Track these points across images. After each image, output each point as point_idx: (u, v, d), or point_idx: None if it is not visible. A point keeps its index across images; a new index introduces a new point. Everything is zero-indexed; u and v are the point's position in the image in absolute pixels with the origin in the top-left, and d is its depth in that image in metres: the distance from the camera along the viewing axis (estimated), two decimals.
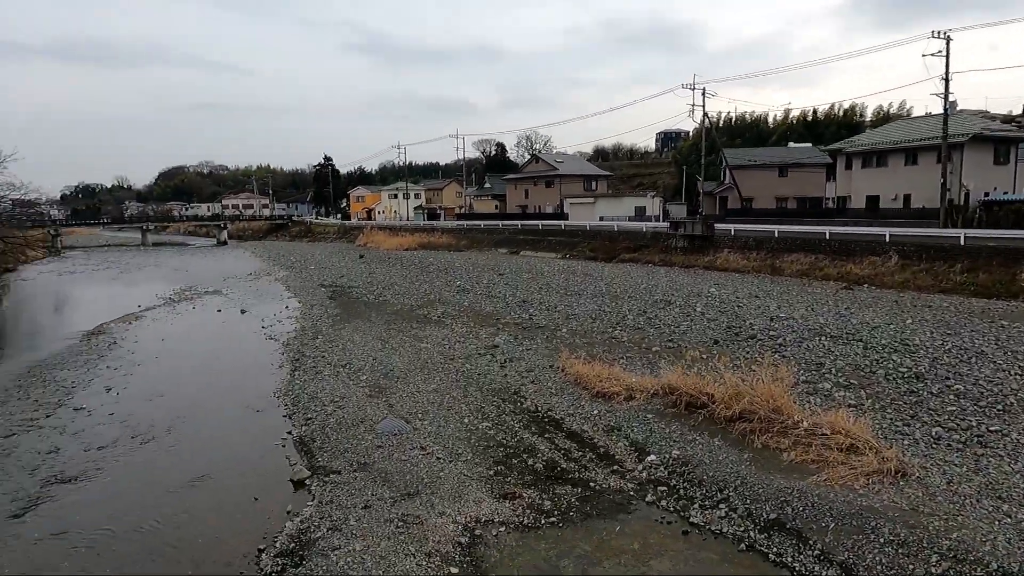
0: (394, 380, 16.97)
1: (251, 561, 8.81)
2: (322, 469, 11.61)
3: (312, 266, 51.48)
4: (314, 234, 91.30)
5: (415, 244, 62.70)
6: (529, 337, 21.36)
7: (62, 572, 8.71)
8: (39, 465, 12.27)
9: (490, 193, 75.56)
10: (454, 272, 39.95)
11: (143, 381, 18.29)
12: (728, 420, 12.15)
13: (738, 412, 12.01)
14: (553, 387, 15.78)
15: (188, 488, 11.30)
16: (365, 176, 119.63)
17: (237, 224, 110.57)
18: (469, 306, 28.36)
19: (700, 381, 13.44)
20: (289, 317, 28.12)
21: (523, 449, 12.24)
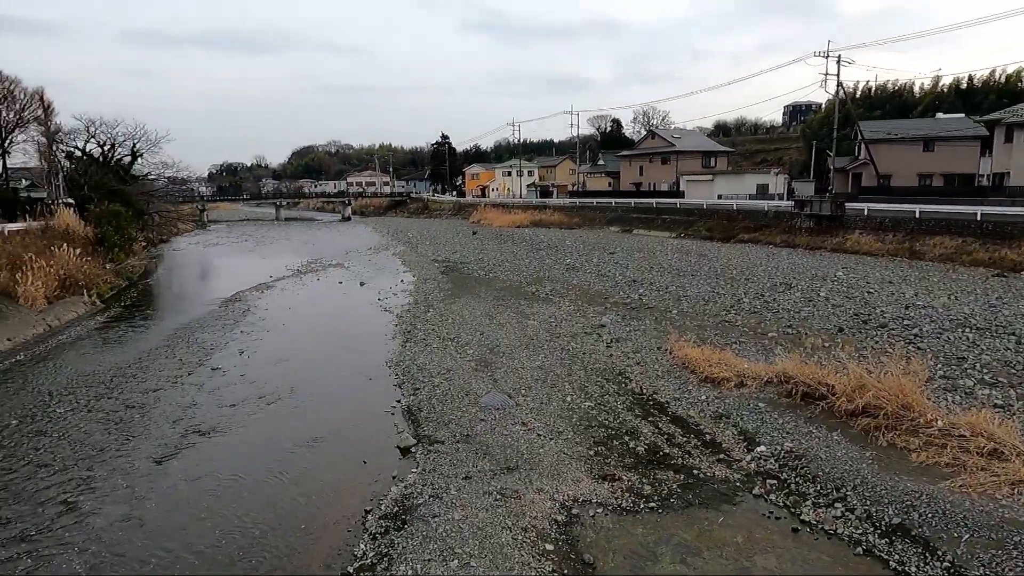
0: (499, 355, 17.20)
1: (358, 521, 9.27)
2: (427, 438, 12.00)
3: (427, 242, 53.15)
4: (430, 211, 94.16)
5: (527, 221, 63.04)
6: (637, 318, 20.92)
7: (199, 511, 9.58)
8: (180, 418, 13.56)
9: (603, 170, 74.33)
10: (564, 250, 39.82)
11: (270, 346, 19.70)
12: (849, 414, 11.29)
13: (861, 406, 11.12)
14: (659, 370, 15.37)
15: (306, 447, 12.06)
16: (480, 154, 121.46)
17: (360, 201, 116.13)
18: (578, 284, 28.18)
19: (819, 370, 12.57)
20: (403, 290, 29.21)
21: (625, 431, 12.03)
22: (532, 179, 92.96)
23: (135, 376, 16.63)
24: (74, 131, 49.12)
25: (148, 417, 13.69)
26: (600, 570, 7.92)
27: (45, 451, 11.96)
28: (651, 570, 7.88)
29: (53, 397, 15.02)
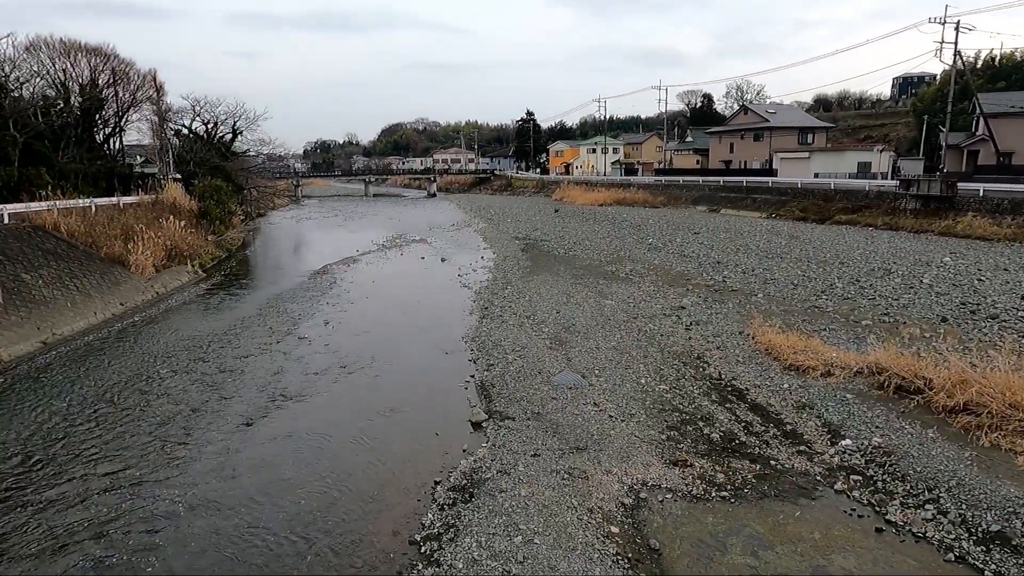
0: (575, 334, 17.09)
1: (427, 491, 9.50)
2: (498, 414, 12.11)
3: (509, 219, 53.33)
4: (514, 188, 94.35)
5: (609, 200, 62.05)
6: (720, 300, 20.24)
7: (283, 471, 10.09)
8: (268, 383, 14.29)
9: (691, 147, 71.86)
10: (646, 229, 38.96)
11: (354, 317, 20.40)
12: (948, 411, 10.52)
13: (962, 403, 10.33)
14: (740, 355, 14.82)
15: (383, 416, 12.45)
16: (565, 130, 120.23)
17: (445, 178, 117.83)
18: (659, 264, 27.55)
19: (916, 362, 11.74)
20: (483, 267, 29.48)
21: (700, 417, 11.69)
22: (617, 156, 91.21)
23: (229, 342, 17.65)
24: (182, 110, 52.31)
25: (239, 381, 14.51)
26: (666, 556, 7.76)
27: (149, 408, 12.93)
28: (719, 560, 7.65)
29: (157, 359, 16.18)
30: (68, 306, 19.85)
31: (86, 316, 19.84)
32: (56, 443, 11.32)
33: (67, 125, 35.39)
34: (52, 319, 18.68)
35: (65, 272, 21.46)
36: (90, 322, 19.65)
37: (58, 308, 19.38)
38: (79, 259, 22.92)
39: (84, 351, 17.11)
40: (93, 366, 15.73)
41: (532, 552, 7.63)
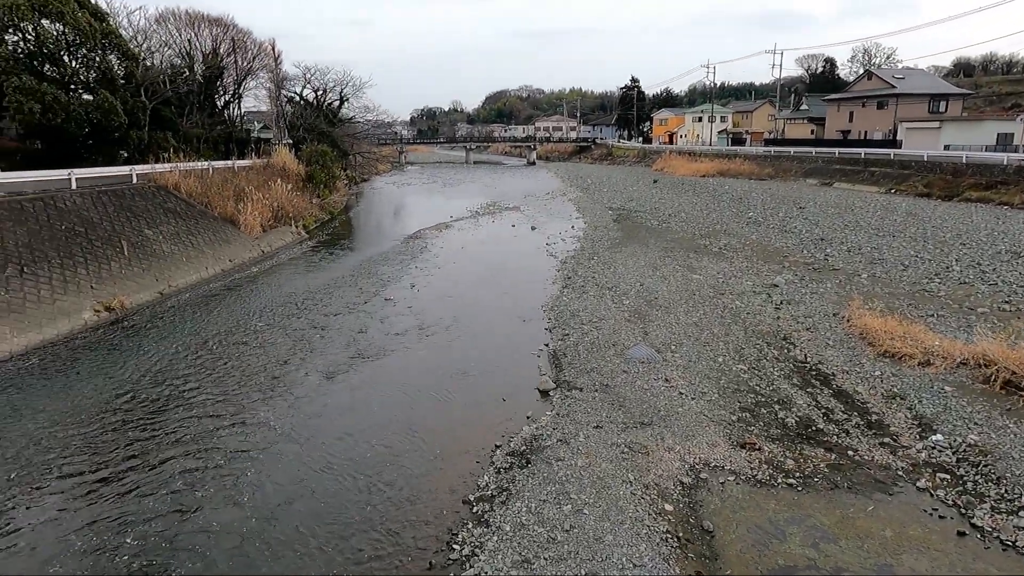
0: (656, 308, 16.69)
1: (487, 454, 9.68)
2: (566, 383, 12.09)
3: (605, 188, 52.44)
4: (614, 157, 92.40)
5: (713, 171, 59.44)
6: (818, 280, 19.07)
7: (356, 423, 10.59)
8: (351, 341, 14.97)
9: (805, 116, 67.17)
10: (748, 202, 37.15)
11: (439, 281, 20.89)
12: None
13: None
14: (831, 338, 13.96)
15: (454, 379, 12.75)
16: (671, 98, 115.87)
17: (545, 146, 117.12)
18: (756, 240, 26.27)
19: None
20: (572, 236, 29.24)
21: (776, 400, 11.16)
22: (724, 126, 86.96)
23: (321, 300, 18.59)
24: (295, 78, 54.79)
25: (326, 337, 15.29)
26: (719, 539, 7.54)
27: (243, 358, 13.90)
28: (776, 549, 7.34)
29: (256, 313, 17.32)
30: (183, 260, 21.56)
31: (198, 270, 21.48)
32: (162, 384, 12.42)
33: (191, 92, 37.99)
34: (169, 272, 20.37)
35: (182, 229, 23.27)
36: (201, 276, 21.27)
37: (175, 262, 21.10)
38: (195, 217, 24.77)
39: (194, 302, 18.59)
40: (200, 316, 17.07)
41: (579, 522, 7.64)
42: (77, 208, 20.15)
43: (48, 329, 15.14)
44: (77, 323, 15.88)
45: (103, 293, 17.42)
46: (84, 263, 18.09)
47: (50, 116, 25.56)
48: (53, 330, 15.20)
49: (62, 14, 26.46)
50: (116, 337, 15.39)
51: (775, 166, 56.68)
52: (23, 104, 24.75)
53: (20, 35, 26.38)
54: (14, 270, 16.20)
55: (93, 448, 9.93)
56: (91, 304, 16.75)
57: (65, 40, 27.34)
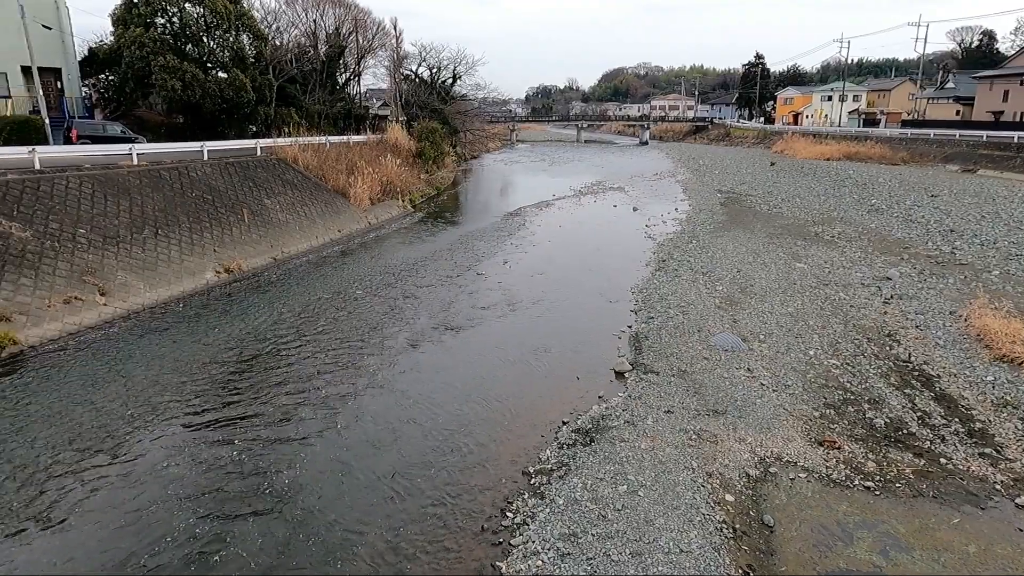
0: (750, 295, 16.03)
1: (554, 429, 9.82)
2: (643, 366, 11.95)
3: (717, 170, 50.41)
4: (732, 138, 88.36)
5: (838, 154, 55.46)
6: (939, 275, 17.54)
7: (432, 391, 11.04)
8: (439, 312, 15.51)
9: (951, 95, 60.73)
10: (872, 189, 34.48)
11: (532, 259, 21.08)
12: None
13: None
14: (942, 337, 12.87)
15: (533, 354, 12.92)
16: (798, 76, 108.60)
17: (660, 125, 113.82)
18: (876, 229, 24.45)
19: None
20: (674, 219, 28.47)
21: (867, 398, 10.49)
22: (857, 105, 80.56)
23: (417, 272, 19.32)
24: (411, 56, 56.43)
25: (416, 307, 15.93)
26: (778, 535, 7.28)
27: (340, 321, 14.80)
28: (839, 551, 7.00)
29: (355, 281, 18.30)
30: (297, 229, 23.07)
31: (309, 239, 22.92)
32: (267, 340, 13.49)
33: (313, 70, 40.15)
34: (283, 239, 21.88)
35: (297, 200, 24.86)
36: (311, 244, 22.68)
37: (288, 230, 22.62)
38: (310, 189, 26.35)
39: (302, 268, 19.90)
40: (306, 282, 18.27)
41: (632, 503, 7.63)
42: (206, 177, 22.02)
43: (175, 286, 16.79)
44: (200, 282, 17.48)
45: (224, 256, 19.03)
46: (209, 228, 19.81)
47: (189, 93, 28.00)
48: (179, 287, 16.84)
49: None
50: (231, 297, 16.81)
51: (911, 150, 52.15)
52: (167, 81, 27.24)
53: (166, 18, 28.94)
54: (150, 231, 18.03)
55: (210, 388, 11.00)
56: (213, 266, 18.35)
57: (204, 22, 29.70)
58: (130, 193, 18.82)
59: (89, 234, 16.51)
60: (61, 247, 15.59)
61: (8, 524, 7.52)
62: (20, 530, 7.43)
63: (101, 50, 31.19)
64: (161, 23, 29.11)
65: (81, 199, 17.40)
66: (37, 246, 15.17)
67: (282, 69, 36.20)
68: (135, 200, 18.68)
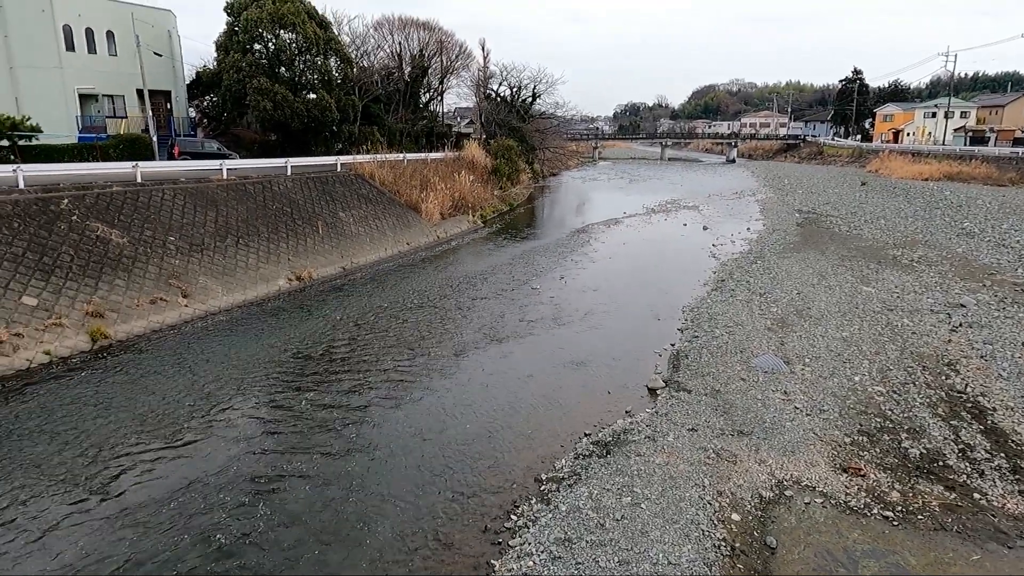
0: (804, 318, 15.59)
1: (576, 440, 10.03)
2: (677, 384, 11.94)
3: (800, 190, 48.65)
4: (825, 156, 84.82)
5: (938, 174, 52.16)
6: (1022, 303, 16.41)
7: (470, 399, 11.50)
8: (487, 324, 15.99)
9: None
10: (967, 210, 32.36)
11: (589, 275, 21.26)
12: None
13: None
14: (1008, 368, 12.12)
15: (570, 368, 13.16)
16: (899, 91, 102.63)
17: (749, 143, 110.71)
18: (961, 253, 23.04)
19: None
20: (743, 238, 27.84)
21: (907, 428, 10.07)
22: (965, 122, 75.43)
23: (473, 284, 19.93)
24: (493, 76, 57.85)
25: (467, 318, 16.50)
26: (779, 557, 7.21)
27: (391, 328, 15.56)
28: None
29: (414, 292, 19.11)
30: (367, 241, 24.29)
31: (378, 251, 24.07)
32: (325, 342, 14.40)
33: (397, 91, 42.03)
34: (353, 250, 23.11)
35: (370, 213, 26.16)
36: (380, 256, 23.81)
37: (359, 242, 23.86)
38: (383, 203, 27.66)
39: (369, 278, 20.96)
40: (369, 291, 19.26)
41: (632, 514, 7.75)
42: (287, 191, 23.63)
43: (250, 291, 18.14)
44: (272, 288, 18.79)
45: (297, 264, 20.35)
46: (286, 238, 21.25)
47: (279, 112, 30.09)
48: (254, 292, 18.18)
49: (294, 25, 30.88)
50: (299, 302, 17.98)
51: (1021, 170, 48.45)
52: (259, 102, 29.42)
53: (263, 43, 31.27)
54: (232, 240, 19.57)
55: (264, 384, 11.94)
56: (286, 273, 19.68)
57: (296, 47, 31.86)
58: (217, 205, 20.51)
59: (178, 241, 18.16)
60: (152, 252, 17.24)
61: (73, 493, 8.53)
62: (82, 499, 8.42)
63: (205, 74, 34.11)
64: (258, 48, 31.47)
65: (173, 210, 19.16)
66: (132, 251, 16.86)
67: (367, 89, 38.14)
68: (221, 211, 20.34)
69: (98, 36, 29.34)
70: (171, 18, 33.26)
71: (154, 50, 29.14)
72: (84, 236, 16.24)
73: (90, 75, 28.96)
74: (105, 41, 29.69)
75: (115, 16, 29.57)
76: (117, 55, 30.07)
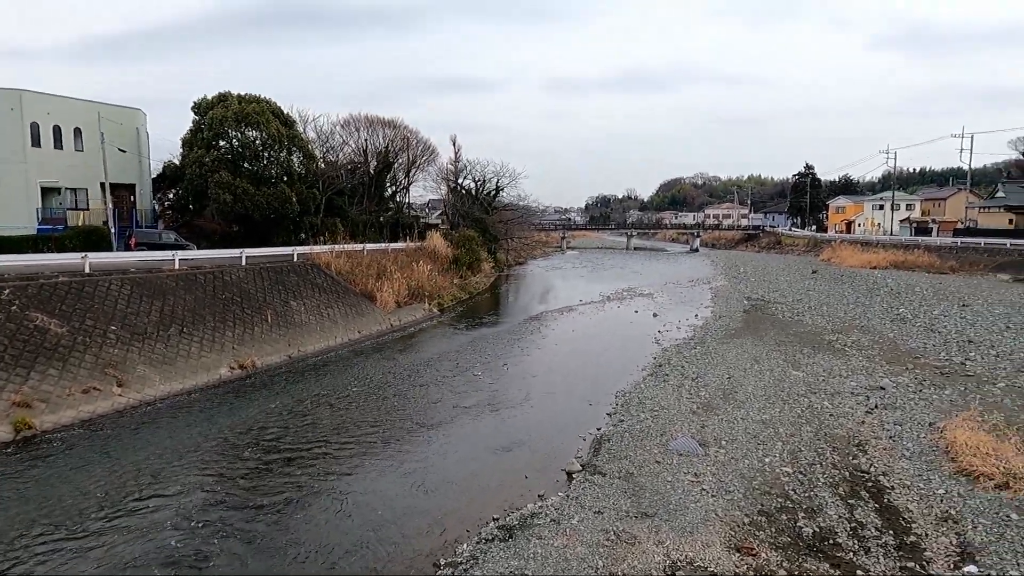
0: (730, 402, 16.05)
1: (482, 525, 10.13)
2: (594, 467, 12.18)
3: (754, 278, 50.34)
4: (783, 246, 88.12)
5: (885, 262, 54.56)
6: (939, 385, 17.10)
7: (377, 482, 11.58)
8: (419, 411, 16.20)
9: (1002, 204, 59.51)
10: (904, 297, 33.78)
11: (533, 361, 21.68)
12: None
13: None
14: (912, 449, 12.59)
15: (494, 453, 13.35)
16: (850, 184, 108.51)
17: (712, 233, 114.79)
18: (892, 338, 23.97)
19: None
20: (690, 325, 28.65)
21: (806, 507, 10.37)
22: (910, 214, 79.59)
23: (417, 372, 20.20)
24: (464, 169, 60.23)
25: (401, 405, 16.71)
26: None
27: (325, 417, 15.66)
28: None
29: (355, 380, 19.30)
30: (317, 330, 24.57)
31: (327, 339, 24.31)
32: (256, 429, 14.43)
33: (361, 184, 43.52)
34: (302, 339, 23.34)
35: (323, 302, 26.58)
36: (329, 344, 24.03)
37: (308, 330, 24.13)
38: (337, 292, 28.14)
39: (314, 367, 21.11)
40: (312, 379, 19.39)
41: None
42: (239, 281, 24.05)
43: (189, 380, 18.18)
44: (213, 377, 18.85)
45: (241, 353, 20.49)
46: (232, 327, 21.48)
47: (239, 205, 30.97)
48: (192, 381, 18.21)
49: (259, 124, 32.34)
50: (238, 391, 18.03)
51: (960, 259, 50.97)
52: (220, 195, 30.32)
53: (227, 140, 32.58)
54: (176, 329, 19.75)
55: (182, 474, 11.90)
56: (228, 362, 19.78)
57: (261, 143, 33.23)
58: (164, 294, 20.81)
59: (119, 330, 18.30)
60: (91, 341, 17.34)
61: None
62: None
63: (170, 168, 35.21)
64: (223, 144, 32.77)
65: (119, 299, 19.41)
66: (70, 340, 16.95)
67: (332, 182, 39.49)
68: (167, 301, 20.62)
69: (65, 133, 30.44)
70: (140, 116, 34.67)
71: (119, 146, 30.18)
72: (22, 326, 16.36)
73: (54, 169, 29.82)
74: (72, 137, 30.77)
75: (84, 114, 30.79)
76: (83, 150, 31.10)
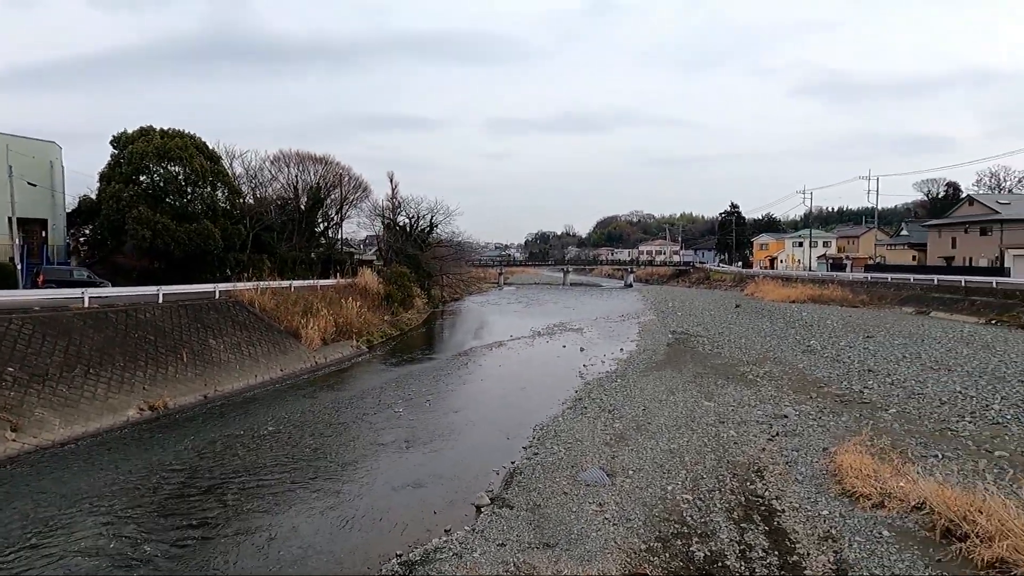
0: (642, 433, 16.53)
1: (384, 561, 10.11)
2: (502, 500, 12.32)
3: (681, 312, 51.97)
4: (711, 281, 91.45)
5: (804, 296, 57.37)
6: (836, 412, 18.07)
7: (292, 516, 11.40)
8: (336, 449, 16.04)
9: (906, 242, 64.02)
10: (816, 329, 35.61)
11: (456, 397, 21.77)
12: (988, 565, 8.59)
13: (999, 556, 8.41)
14: (804, 473, 13.26)
15: (406, 490, 13.31)
16: (774, 223, 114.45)
17: (646, 269, 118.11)
18: (801, 368, 25.19)
19: (970, 499, 9.72)
20: (614, 358, 29.35)
21: (700, 532, 10.79)
22: (826, 250, 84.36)
23: (337, 410, 19.97)
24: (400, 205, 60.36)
25: (317, 444, 16.48)
26: None
27: (237, 459, 15.28)
28: None
29: (272, 420, 18.87)
30: (236, 368, 23.97)
31: (247, 378, 23.74)
32: (153, 475, 13.94)
33: (291, 220, 43.05)
34: (219, 378, 22.72)
35: (244, 340, 25.99)
36: (248, 383, 23.46)
37: (227, 369, 23.52)
38: (260, 329, 27.59)
39: (229, 406, 20.57)
40: (225, 419, 18.90)
41: None
42: (154, 319, 23.32)
43: (92, 423, 17.41)
44: (120, 419, 18.11)
45: (152, 394, 19.78)
46: (144, 367, 20.74)
47: (159, 241, 30.14)
48: (96, 424, 17.45)
49: (182, 159, 31.77)
50: (145, 434, 17.38)
51: (871, 293, 54.12)
52: (138, 231, 29.46)
53: (148, 175, 31.81)
54: (81, 370, 18.95)
55: (88, 520, 11.38)
56: (137, 403, 19.06)
57: (183, 179, 32.57)
58: (70, 334, 19.97)
59: (17, 372, 17.43)
60: None
61: None
62: None
63: (86, 203, 34.00)
64: (144, 179, 31.97)
65: (18, 340, 18.52)
66: None
67: (259, 219, 38.93)
68: (73, 340, 19.79)
69: None
70: (55, 149, 33.50)
71: (29, 180, 29.03)
72: None
73: None
74: None
75: None
76: None
